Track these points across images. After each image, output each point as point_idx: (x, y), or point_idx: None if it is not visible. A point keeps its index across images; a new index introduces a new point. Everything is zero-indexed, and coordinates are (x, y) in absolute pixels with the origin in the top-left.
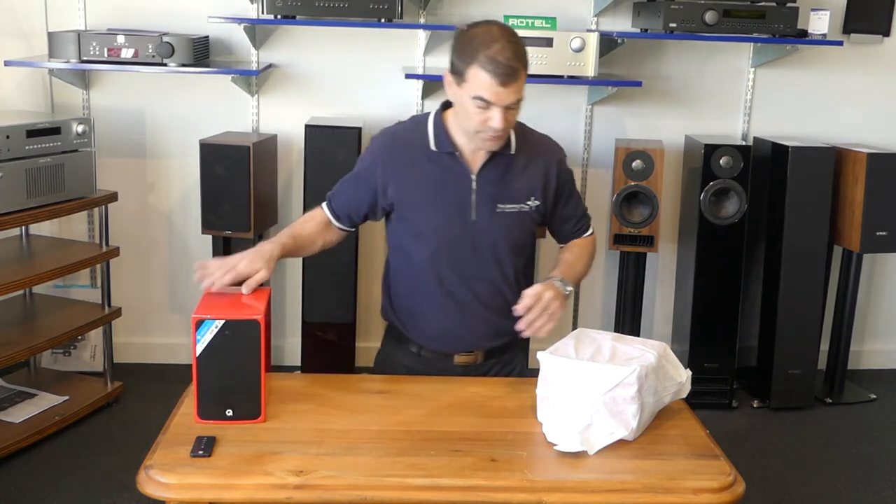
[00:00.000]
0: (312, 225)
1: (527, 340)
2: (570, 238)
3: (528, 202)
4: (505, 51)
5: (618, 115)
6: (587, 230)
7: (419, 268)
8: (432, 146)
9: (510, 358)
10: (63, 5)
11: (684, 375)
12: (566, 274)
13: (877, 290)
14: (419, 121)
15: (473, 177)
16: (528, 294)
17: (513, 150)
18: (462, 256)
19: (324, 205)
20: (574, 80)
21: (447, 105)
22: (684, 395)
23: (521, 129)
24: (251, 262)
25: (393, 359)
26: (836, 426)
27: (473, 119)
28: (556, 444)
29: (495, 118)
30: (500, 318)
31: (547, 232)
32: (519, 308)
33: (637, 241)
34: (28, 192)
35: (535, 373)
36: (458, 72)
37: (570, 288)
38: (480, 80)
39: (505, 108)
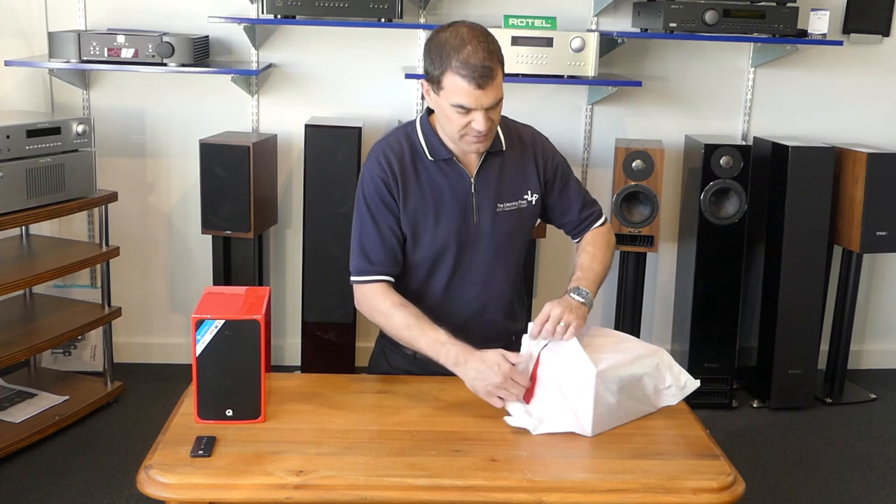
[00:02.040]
0: (403, 304)
1: None
2: (581, 228)
3: (526, 197)
4: (477, 52)
5: (618, 115)
6: (598, 218)
7: (421, 274)
8: (428, 156)
9: None
10: (63, 5)
11: (683, 380)
12: (583, 281)
13: (877, 290)
14: (406, 131)
15: (472, 180)
16: (537, 321)
17: (504, 147)
18: (466, 261)
19: (368, 279)
20: (574, 80)
21: (432, 110)
22: (677, 400)
23: (507, 124)
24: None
25: (386, 362)
26: (836, 426)
27: (456, 124)
28: (508, 417)
29: (478, 120)
30: (503, 319)
31: (545, 232)
32: (532, 334)
33: (637, 241)
34: (28, 192)
35: None
36: (433, 80)
37: (587, 296)
38: (457, 86)
39: (486, 109)
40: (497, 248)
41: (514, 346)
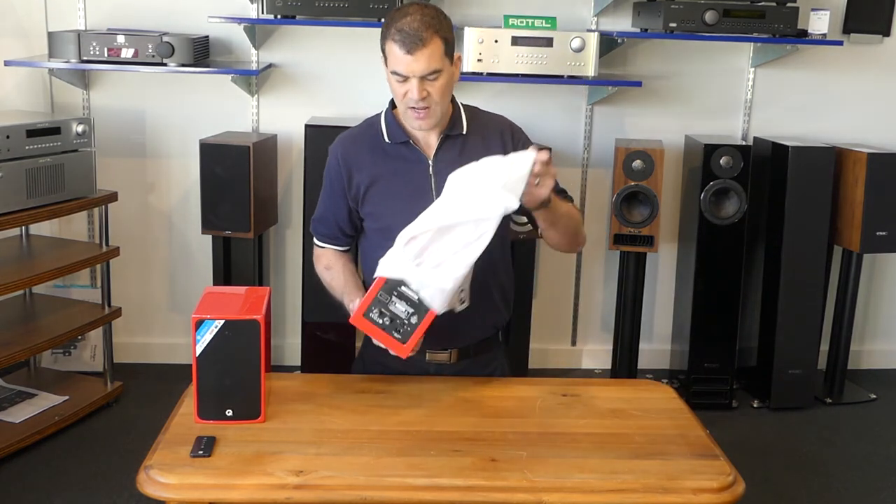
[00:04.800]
0: (339, 266)
1: (506, 341)
2: None
3: None
4: (413, 21)
5: (618, 115)
6: (570, 201)
7: (380, 247)
8: (386, 139)
9: (489, 359)
10: (63, 5)
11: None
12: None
13: (877, 290)
14: (372, 119)
15: (430, 162)
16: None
17: (464, 131)
18: None
19: (317, 243)
20: (574, 80)
21: None
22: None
23: (472, 112)
24: None
25: (366, 357)
26: (836, 426)
27: (397, 95)
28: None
29: (412, 89)
30: (473, 311)
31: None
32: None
33: (637, 241)
34: (28, 192)
35: (516, 375)
36: (382, 52)
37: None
38: (393, 53)
39: (422, 79)
40: None
41: (490, 344)
